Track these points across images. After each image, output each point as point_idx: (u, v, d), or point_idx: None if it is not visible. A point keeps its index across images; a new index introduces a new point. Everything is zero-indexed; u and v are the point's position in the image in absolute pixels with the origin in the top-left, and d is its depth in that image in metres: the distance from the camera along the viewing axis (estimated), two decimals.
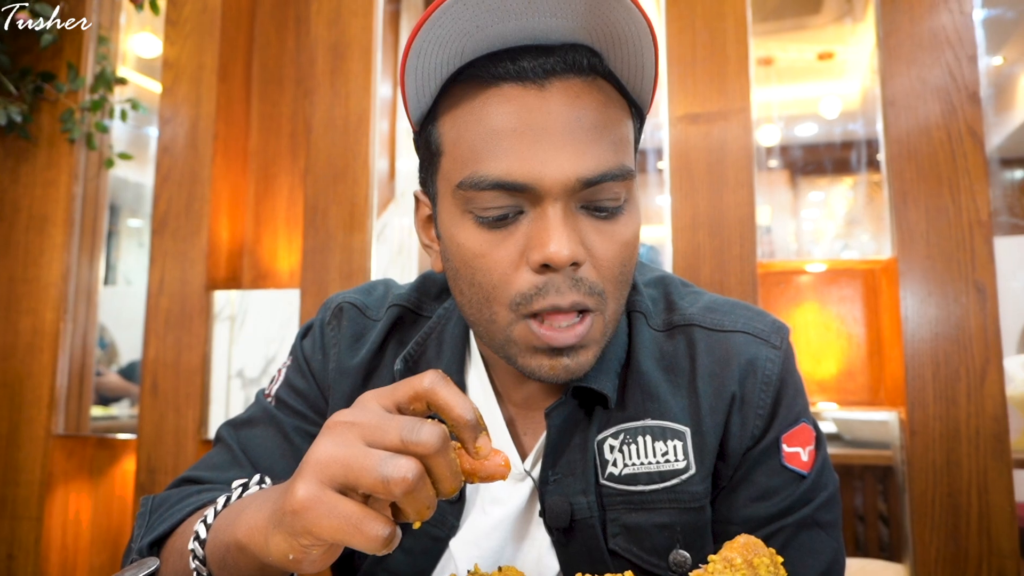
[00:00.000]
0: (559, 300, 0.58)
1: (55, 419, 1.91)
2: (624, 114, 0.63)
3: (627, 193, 0.62)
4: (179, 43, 1.98)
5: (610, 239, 0.61)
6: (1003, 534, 1.37)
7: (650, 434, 0.68)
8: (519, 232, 0.60)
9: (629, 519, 0.68)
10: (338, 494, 0.44)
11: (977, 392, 1.41)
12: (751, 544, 0.54)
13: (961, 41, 1.49)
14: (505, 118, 0.58)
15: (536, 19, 0.57)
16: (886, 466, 2.20)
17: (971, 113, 1.47)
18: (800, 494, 0.68)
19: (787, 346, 0.72)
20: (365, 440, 0.45)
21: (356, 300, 0.81)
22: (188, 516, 0.66)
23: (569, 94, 0.59)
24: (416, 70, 0.60)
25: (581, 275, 0.59)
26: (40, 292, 1.96)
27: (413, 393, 0.47)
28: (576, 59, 0.59)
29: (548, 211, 0.58)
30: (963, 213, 1.45)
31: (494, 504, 0.71)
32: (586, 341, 0.61)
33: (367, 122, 1.82)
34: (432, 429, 0.45)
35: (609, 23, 0.57)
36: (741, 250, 1.56)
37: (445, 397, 0.47)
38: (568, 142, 0.58)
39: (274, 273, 2.04)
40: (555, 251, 0.57)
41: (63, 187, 1.98)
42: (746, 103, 1.61)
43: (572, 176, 0.57)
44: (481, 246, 0.60)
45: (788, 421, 0.69)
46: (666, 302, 0.76)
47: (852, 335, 1.63)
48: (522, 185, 0.58)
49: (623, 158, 0.61)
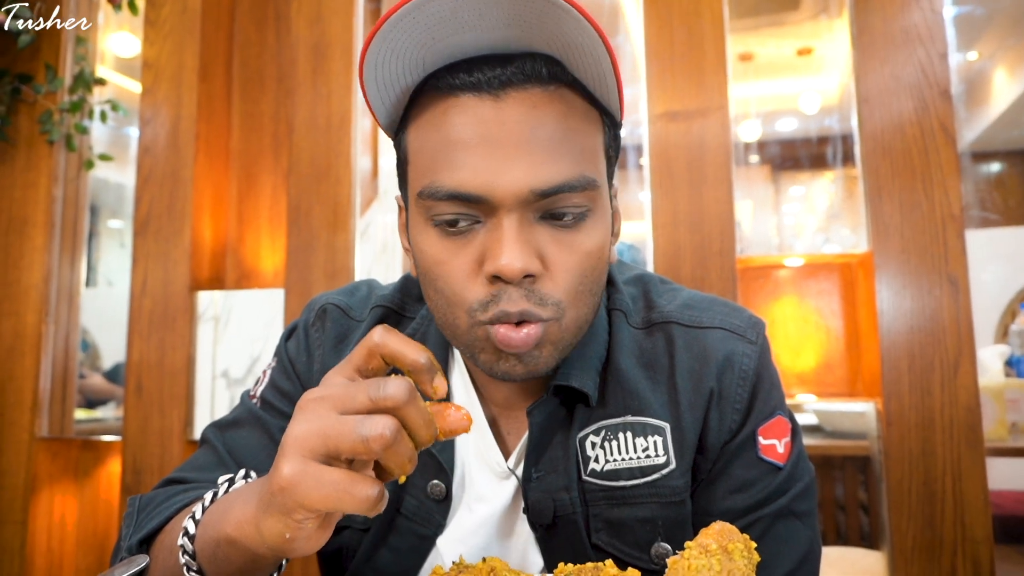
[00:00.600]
0: (508, 307, 0.59)
1: (39, 422, 1.90)
2: (590, 123, 0.63)
3: (591, 203, 0.62)
4: (159, 43, 1.97)
5: (570, 250, 0.61)
6: (977, 521, 1.40)
7: (631, 430, 0.70)
8: (476, 241, 0.60)
9: (611, 514, 0.69)
10: (322, 464, 0.46)
11: (951, 383, 1.44)
12: (725, 530, 0.56)
13: (932, 38, 1.53)
14: (461, 129, 0.59)
15: (489, 31, 0.58)
16: (865, 456, 2.24)
17: (943, 109, 1.50)
18: (776, 485, 0.69)
19: (763, 341, 0.73)
20: (337, 409, 0.47)
21: (339, 301, 0.82)
22: (176, 513, 0.67)
23: (526, 104, 0.59)
24: (376, 80, 0.61)
25: (536, 287, 0.60)
26: (21, 295, 1.95)
27: (366, 352, 0.49)
28: (535, 68, 0.59)
29: (503, 222, 0.59)
30: (936, 207, 1.48)
31: (479, 502, 0.72)
32: (541, 342, 0.62)
33: (349, 121, 1.83)
34: (397, 382, 0.47)
35: (563, 33, 0.57)
36: (721, 246, 1.58)
37: (394, 346, 0.49)
38: (523, 153, 0.58)
39: (258, 273, 2.04)
40: (506, 264, 0.57)
41: (43, 189, 1.97)
42: (724, 100, 1.63)
43: (525, 188, 0.58)
44: (441, 254, 0.62)
45: (764, 414, 0.71)
46: (645, 300, 0.77)
47: (830, 328, 1.66)
48: (476, 196, 0.58)
49: (584, 168, 0.60)
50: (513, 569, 0.62)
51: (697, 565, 0.53)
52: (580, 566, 0.61)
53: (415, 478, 0.73)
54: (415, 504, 0.73)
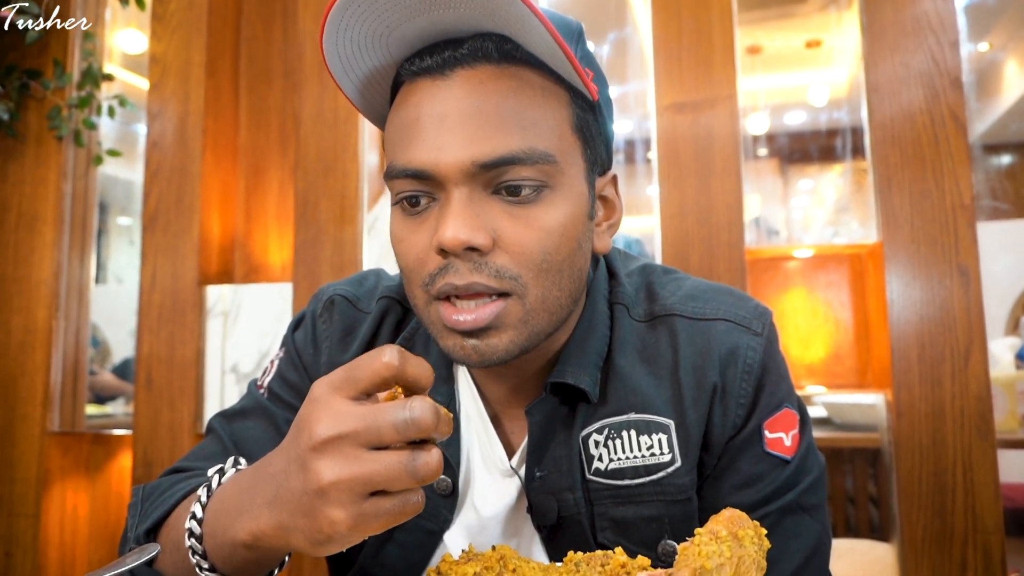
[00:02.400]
0: (455, 280, 0.58)
1: (50, 416, 1.91)
2: (549, 98, 0.62)
3: (548, 179, 0.60)
4: (166, 39, 1.97)
5: (525, 225, 0.60)
6: (987, 511, 1.39)
7: (634, 428, 0.68)
8: (431, 218, 0.61)
9: (617, 513, 0.68)
10: (372, 499, 0.45)
11: (961, 373, 1.43)
12: (736, 517, 0.55)
13: (943, 27, 1.51)
14: (413, 109, 0.61)
15: (438, 12, 0.58)
16: (875, 449, 2.23)
17: (953, 98, 1.49)
18: (784, 479, 0.68)
19: (770, 331, 0.71)
20: (365, 446, 0.45)
21: (347, 292, 0.81)
22: (180, 500, 0.67)
23: (472, 81, 0.59)
24: (346, 73, 0.63)
25: (487, 260, 0.59)
26: (31, 290, 1.96)
27: (379, 379, 0.46)
28: (483, 47, 0.60)
29: (452, 196, 0.59)
30: (947, 197, 1.47)
31: (484, 500, 0.72)
32: (495, 324, 0.60)
33: (356, 115, 1.83)
34: (423, 409, 0.45)
35: (498, 7, 0.57)
36: (729, 237, 1.57)
37: (414, 373, 0.47)
38: (466, 127, 0.58)
39: (266, 267, 2.05)
40: (450, 235, 0.57)
41: (52, 185, 1.98)
42: (732, 91, 1.62)
43: (467, 160, 0.58)
44: (401, 232, 0.63)
45: (770, 407, 0.69)
46: (647, 292, 0.75)
47: (839, 319, 1.65)
48: (422, 172, 0.59)
49: (534, 142, 0.59)
50: (523, 557, 0.62)
51: (707, 551, 0.53)
52: (590, 554, 0.61)
53: None
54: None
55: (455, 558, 0.61)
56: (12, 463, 1.91)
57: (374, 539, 0.74)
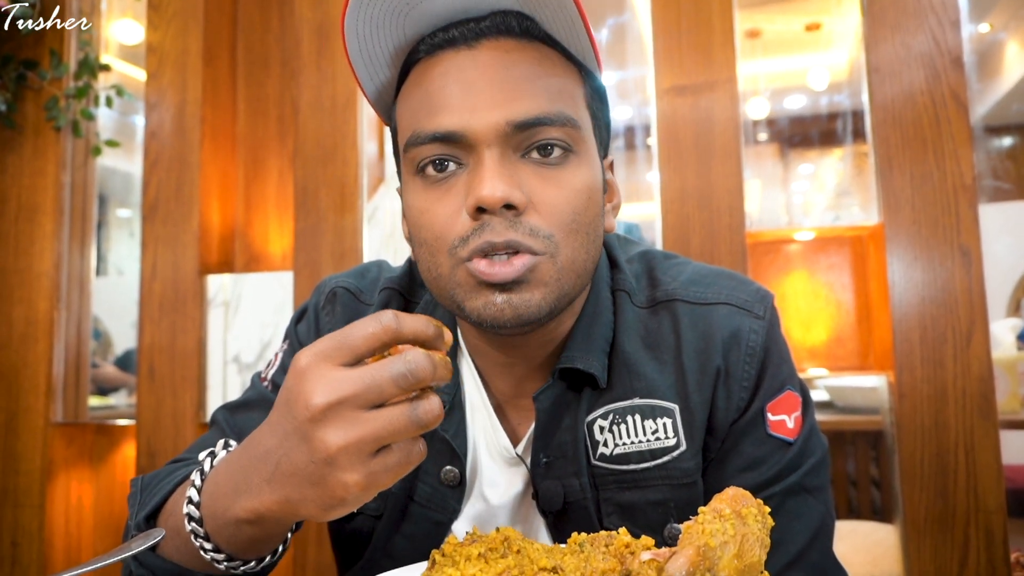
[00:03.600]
0: (493, 237, 0.58)
1: (53, 407, 1.92)
2: (567, 72, 0.64)
3: (573, 143, 0.62)
4: (162, 28, 1.96)
5: (556, 185, 0.61)
6: (989, 492, 1.40)
7: (639, 413, 0.69)
8: (459, 184, 0.61)
9: (622, 498, 0.69)
10: (378, 456, 0.46)
11: (963, 354, 1.43)
12: (739, 495, 0.55)
13: (944, 7, 1.50)
14: (439, 79, 0.61)
15: None
16: (877, 431, 2.24)
17: (955, 78, 1.48)
18: (787, 461, 0.68)
19: (771, 314, 0.72)
20: (367, 407, 0.45)
21: (349, 284, 0.82)
22: (177, 486, 0.67)
23: (499, 50, 0.61)
24: (361, 53, 0.64)
25: (523, 219, 0.59)
26: (32, 282, 1.96)
27: (377, 343, 0.47)
28: (506, 21, 0.62)
29: (484, 157, 0.59)
30: (948, 178, 1.47)
31: (491, 488, 0.72)
32: (528, 278, 0.60)
33: (355, 102, 1.82)
34: (419, 360, 0.46)
35: None
36: (730, 220, 1.57)
37: (412, 329, 0.47)
38: (498, 89, 0.60)
39: (266, 256, 2.05)
40: (488, 192, 0.57)
41: (51, 176, 1.98)
42: (732, 74, 1.61)
43: (501, 120, 0.59)
44: (425, 202, 0.62)
45: (773, 390, 0.69)
46: (649, 278, 0.75)
47: (841, 302, 1.65)
48: (455, 134, 0.60)
49: (561, 106, 0.61)
50: (527, 539, 0.63)
51: (711, 530, 0.53)
52: (594, 535, 0.61)
53: (428, 464, 0.73)
54: (429, 491, 0.73)
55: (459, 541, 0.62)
56: (16, 454, 1.92)
57: (381, 531, 0.74)
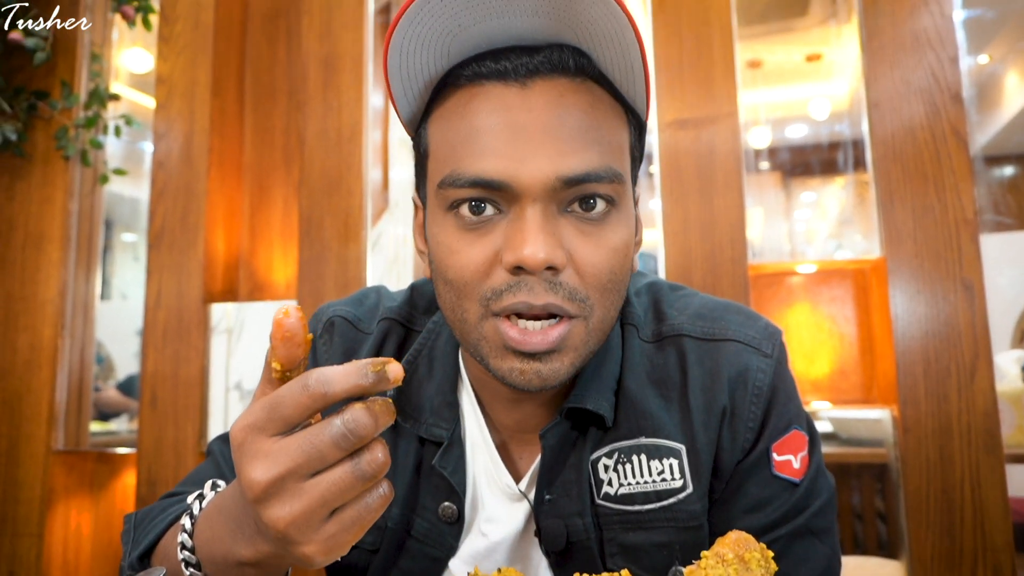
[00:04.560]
0: (531, 299, 0.56)
1: (55, 435, 1.91)
2: (616, 118, 0.62)
3: (618, 198, 0.60)
4: (172, 59, 1.99)
5: (596, 244, 0.58)
6: (997, 529, 1.38)
7: (644, 452, 0.67)
8: (497, 232, 0.58)
9: (627, 539, 0.67)
10: (334, 517, 0.44)
11: (967, 388, 1.42)
12: (742, 540, 0.55)
13: (943, 43, 1.52)
14: (486, 116, 0.58)
15: (517, 18, 0.57)
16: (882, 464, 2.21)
17: (954, 114, 1.49)
18: (794, 502, 0.67)
19: (779, 352, 0.70)
20: (309, 476, 0.43)
21: (347, 313, 0.80)
22: (171, 524, 0.66)
23: (553, 93, 0.58)
24: (400, 69, 0.60)
25: (561, 280, 0.57)
26: (37, 309, 1.97)
27: (308, 412, 0.43)
28: (561, 58, 0.58)
29: (527, 212, 0.56)
30: (949, 212, 1.47)
31: (491, 524, 0.71)
32: (561, 346, 0.58)
33: (360, 133, 1.84)
34: (359, 419, 0.43)
35: (591, 21, 0.56)
36: (732, 253, 1.57)
37: (343, 387, 0.43)
38: (549, 141, 0.56)
39: (270, 285, 2.06)
40: (530, 253, 0.54)
41: (59, 204, 1.99)
42: (734, 108, 1.63)
43: (552, 175, 0.56)
44: (457, 243, 0.59)
45: (779, 430, 0.68)
46: (655, 311, 0.74)
47: (844, 334, 1.64)
48: (499, 183, 0.56)
49: (610, 160, 0.59)
50: None
51: (714, 575, 0.53)
52: None
53: (426, 501, 0.72)
54: (426, 527, 0.72)
55: None
56: (17, 482, 1.91)
57: (377, 566, 0.73)
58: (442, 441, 0.71)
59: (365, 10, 1.89)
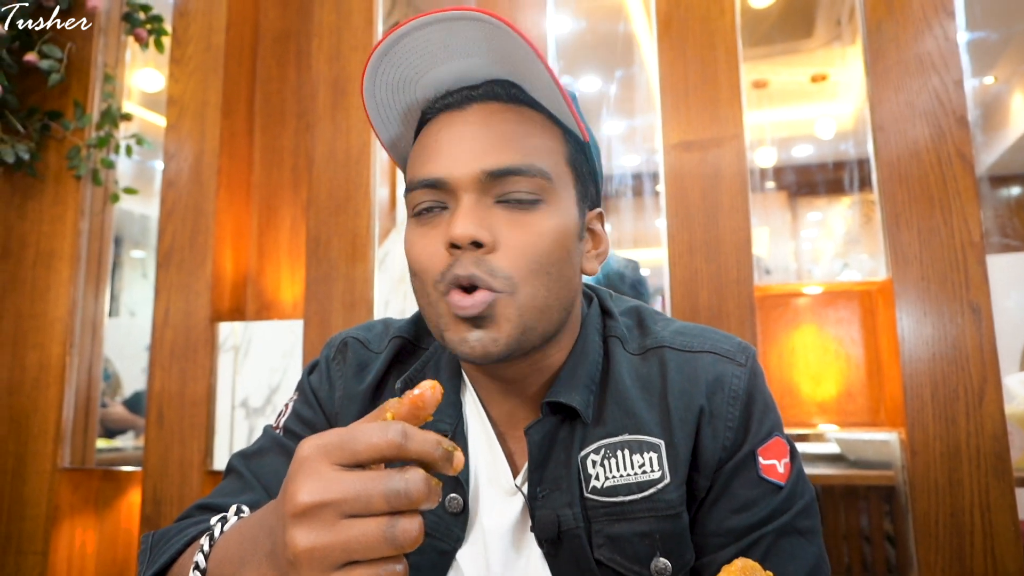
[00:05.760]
0: (459, 271, 0.66)
1: (61, 453, 1.92)
2: (544, 130, 0.71)
3: (544, 194, 0.69)
4: (183, 81, 2.02)
5: (522, 228, 0.67)
6: (1007, 554, 1.37)
7: (628, 448, 0.73)
8: (442, 224, 0.69)
9: (612, 529, 0.72)
10: (346, 568, 0.43)
11: (976, 411, 1.42)
12: (748, 568, 0.55)
13: (947, 66, 1.53)
14: (434, 135, 0.71)
15: (457, 61, 0.70)
16: (890, 486, 2.19)
17: (959, 136, 1.50)
18: (778, 503, 0.71)
19: (753, 364, 0.77)
20: (348, 515, 0.43)
21: (358, 335, 0.87)
22: (188, 545, 0.68)
23: (486, 112, 0.70)
24: (379, 111, 0.73)
25: (486, 257, 0.66)
26: (47, 327, 1.98)
27: (379, 456, 0.44)
28: (494, 89, 0.71)
29: (461, 201, 0.67)
30: (955, 234, 1.47)
31: (491, 516, 0.75)
32: (490, 314, 0.65)
33: (368, 154, 1.86)
34: (418, 484, 0.43)
35: (515, 59, 0.67)
36: (738, 274, 1.58)
37: (418, 450, 0.44)
38: (477, 143, 0.68)
39: (277, 304, 2.07)
40: (458, 231, 0.64)
41: (70, 223, 2.01)
42: (739, 130, 1.64)
43: (477, 168, 0.67)
44: (416, 238, 0.70)
45: (762, 435, 0.73)
46: (640, 328, 0.81)
47: (851, 356, 1.64)
48: (438, 180, 0.68)
49: (534, 159, 0.68)
50: None
51: None
52: None
53: None
54: (434, 519, 0.75)
55: None
56: (23, 500, 1.91)
57: None
58: (446, 434, 0.77)
59: (374, 32, 1.91)
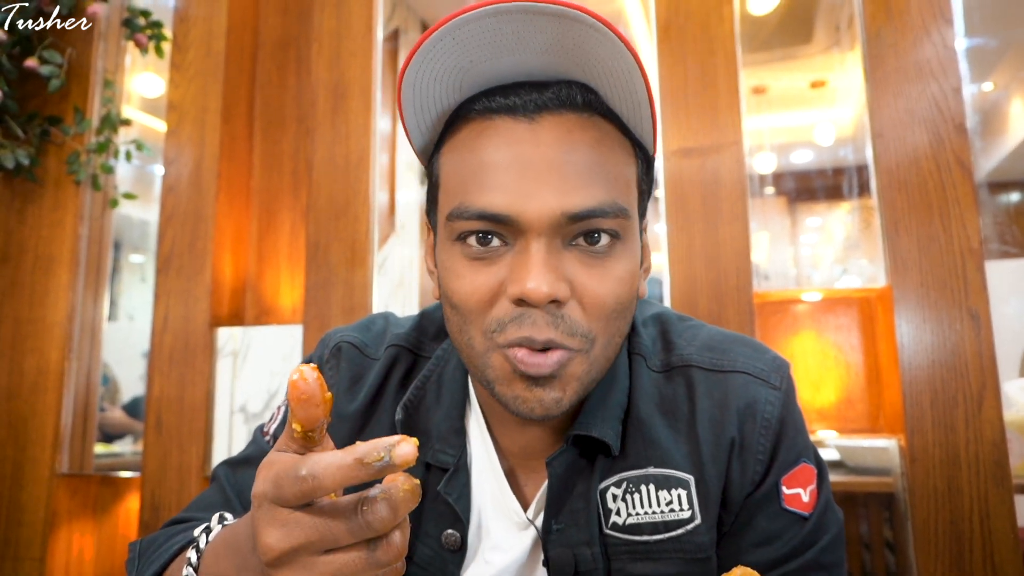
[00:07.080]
0: (534, 333, 0.57)
1: (59, 458, 1.91)
2: (623, 152, 0.63)
3: (622, 231, 0.61)
4: (183, 86, 2.02)
5: (600, 276, 0.59)
6: (1007, 561, 1.36)
7: (653, 482, 0.67)
8: (502, 263, 0.59)
9: (634, 569, 0.67)
10: None
11: (975, 418, 1.41)
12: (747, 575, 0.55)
13: (945, 73, 1.53)
14: (494, 151, 0.59)
15: (528, 56, 0.59)
16: (889, 493, 2.19)
17: (958, 143, 1.50)
18: (803, 536, 0.67)
19: (787, 384, 0.71)
20: (322, 552, 0.42)
21: (355, 339, 0.80)
22: (176, 554, 0.66)
23: (560, 129, 0.59)
24: (413, 102, 0.62)
25: (564, 312, 0.58)
26: (45, 332, 1.98)
27: (304, 499, 0.42)
28: (569, 94, 0.60)
29: (531, 246, 0.58)
30: (954, 241, 1.47)
31: (496, 552, 0.70)
32: (561, 374, 0.59)
33: (367, 159, 1.86)
34: (376, 513, 0.41)
35: (598, 59, 0.58)
36: (738, 280, 1.57)
37: (332, 483, 0.41)
38: (555, 177, 0.57)
39: (277, 309, 2.06)
40: (533, 287, 0.56)
41: (69, 228, 2.01)
42: (738, 136, 1.64)
43: (557, 210, 0.57)
44: (463, 271, 0.60)
45: (788, 463, 0.68)
46: (663, 341, 0.74)
47: (850, 363, 1.64)
48: (505, 217, 0.58)
49: (616, 195, 0.60)
50: None
51: None
52: None
53: (429, 527, 0.72)
54: (429, 554, 0.71)
55: None
56: (20, 506, 1.91)
57: None
58: (448, 467, 0.71)
59: (373, 38, 1.92)
